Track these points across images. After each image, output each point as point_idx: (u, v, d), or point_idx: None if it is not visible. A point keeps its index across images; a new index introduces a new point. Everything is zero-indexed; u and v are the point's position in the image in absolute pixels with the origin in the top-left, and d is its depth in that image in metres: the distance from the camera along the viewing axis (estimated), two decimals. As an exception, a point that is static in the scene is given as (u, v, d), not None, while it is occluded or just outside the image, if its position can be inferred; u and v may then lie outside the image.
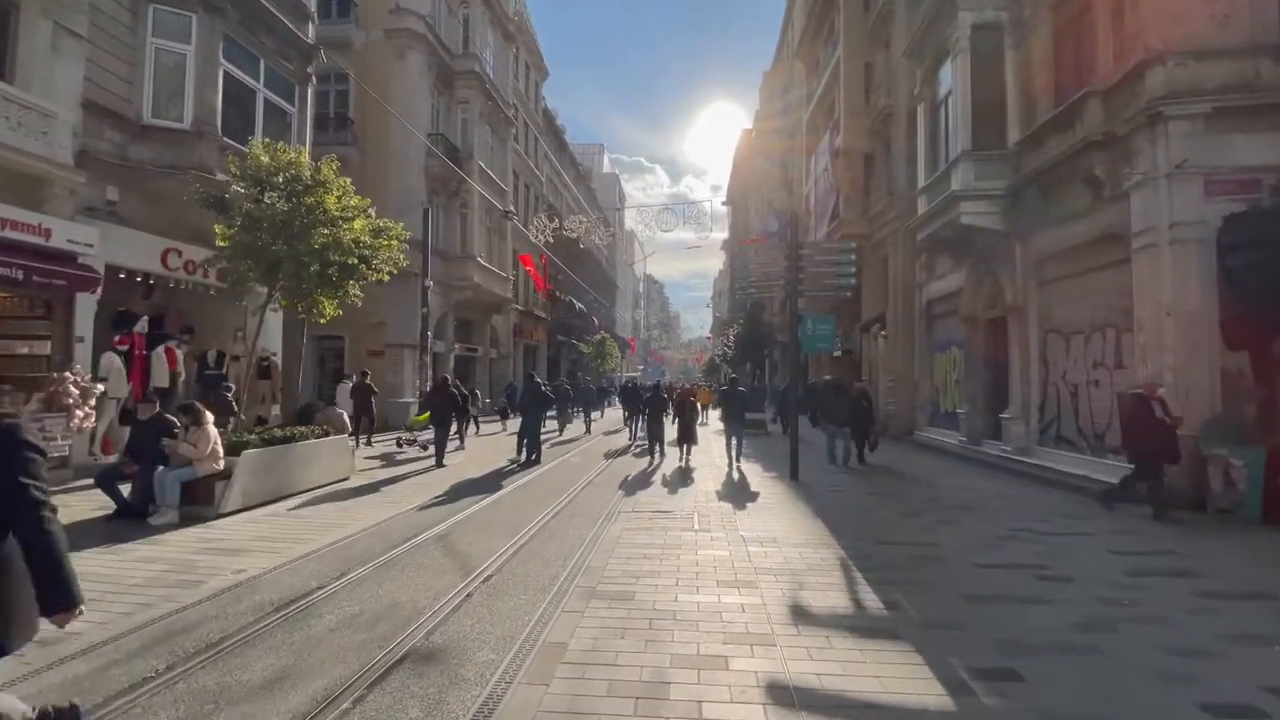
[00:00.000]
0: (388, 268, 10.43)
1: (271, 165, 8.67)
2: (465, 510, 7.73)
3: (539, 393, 11.81)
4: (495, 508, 7.97)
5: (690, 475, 10.70)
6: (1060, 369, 10.63)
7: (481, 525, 7.02)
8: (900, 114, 17.68)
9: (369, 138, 21.03)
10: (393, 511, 7.67)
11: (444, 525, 6.95)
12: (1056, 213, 10.37)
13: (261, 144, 8.78)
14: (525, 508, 7.92)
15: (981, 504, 8.24)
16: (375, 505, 8.10)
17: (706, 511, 7.66)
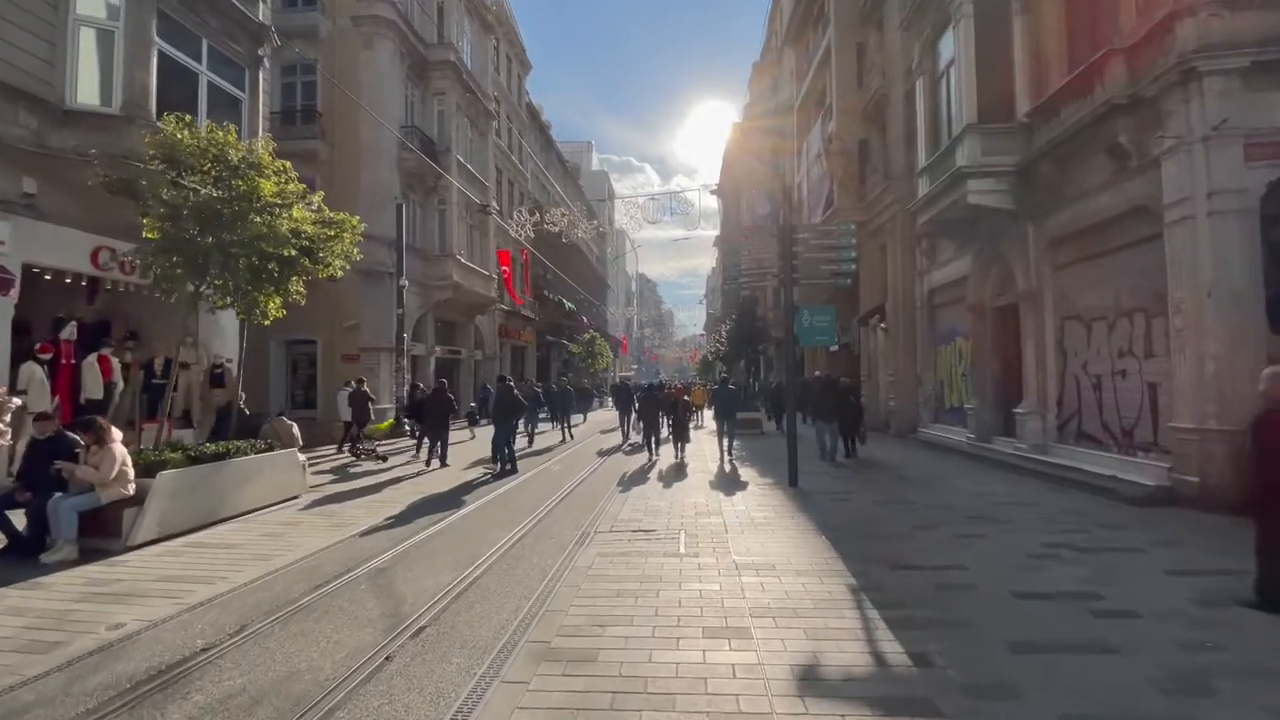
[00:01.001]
0: (339, 262, 9.42)
1: (192, 144, 7.64)
2: (417, 535, 6.75)
3: (512, 397, 10.82)
4: (452, 531, 6.99)
5: (680, 481, 9.75)
6: (1080, 359, 9.73)
7: (431, 554, 6.04)
8: (896, 95, 16.79)
9: (338, 131, 20.00)
10: (334, 538, 6.68)
11: (387, 555, 5.97)
12: (1074, 188, 9.47)
13: (176, 119, 7.76)
14: (487, 529, 6.95)
15: (1003, 512, 7.32)
16: (317, 530, 7.11)
17: (695, 529, 6.70)
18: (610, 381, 44.93)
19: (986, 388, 12.38)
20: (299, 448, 9.70)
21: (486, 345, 28.09)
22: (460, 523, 7.39)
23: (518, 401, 10.85)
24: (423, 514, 7.83)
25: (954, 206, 11.35)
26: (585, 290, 50.43)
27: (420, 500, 8.78)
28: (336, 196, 20.15)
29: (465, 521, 7.44)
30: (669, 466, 12.37)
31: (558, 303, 39.24)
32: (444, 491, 9.40)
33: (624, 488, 9.44)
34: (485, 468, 11.14)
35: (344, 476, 11.02)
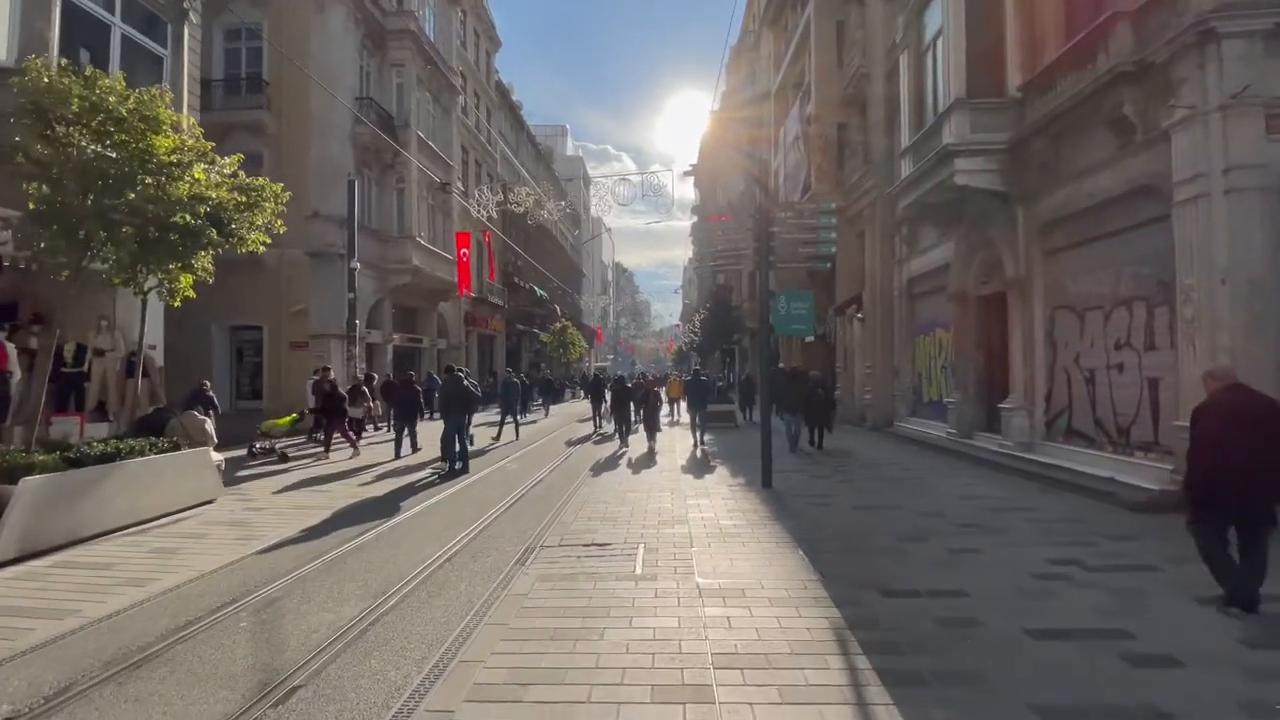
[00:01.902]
0: (257, 235, 8.31)
1: (63, 91, 6.46)
2: (331, 551, 5.79)
3: (461, 389, 9.83)
4: (375, 545, 6.04)
5: (646, 480, 8.91)
6: (1072, 351, 9.11)
7: (341, 577, 5.09)
8: (877, 75, 16.06)
9: (287, 102, 18.57)
10: (234, 555, 5.69)
11: (287, 579, 5.00)
12: (1070, 167, 8.80)
13: (40, 61, 6.57)
14: (418, 543, 6.02)
15: (997, 520, 6.63)
16: (219, 544, 6.10)
17: (657, 542, 5.86)
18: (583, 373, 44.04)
19: (969, 381, 11.77)
20: (214, 446, 8.59)
21: (451, 334, 26.87)
22: (388, 534, 6.43)
23: (468, 394, 9.85)
24: (348, 523, 6.85)
25: (939, 188, 10.64)
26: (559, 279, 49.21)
27: (352, 506, 7.78)
28: (285, 171, 18.73)
29: (394, 533, 6.49)
30: (638, 459, 11.59)
31: (529, 290, 38.02)
32: (380, 495, 8.41)
33: (584, 488, 8.57)
34: (433, 468, 10.16)
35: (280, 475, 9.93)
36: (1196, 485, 4.07)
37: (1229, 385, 4.14)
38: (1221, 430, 3.94)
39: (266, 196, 8.38)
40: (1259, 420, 3.92)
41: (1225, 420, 3.97)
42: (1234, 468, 3.86)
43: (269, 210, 8.47)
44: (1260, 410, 3.98)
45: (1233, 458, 3.87)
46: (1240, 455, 3.85)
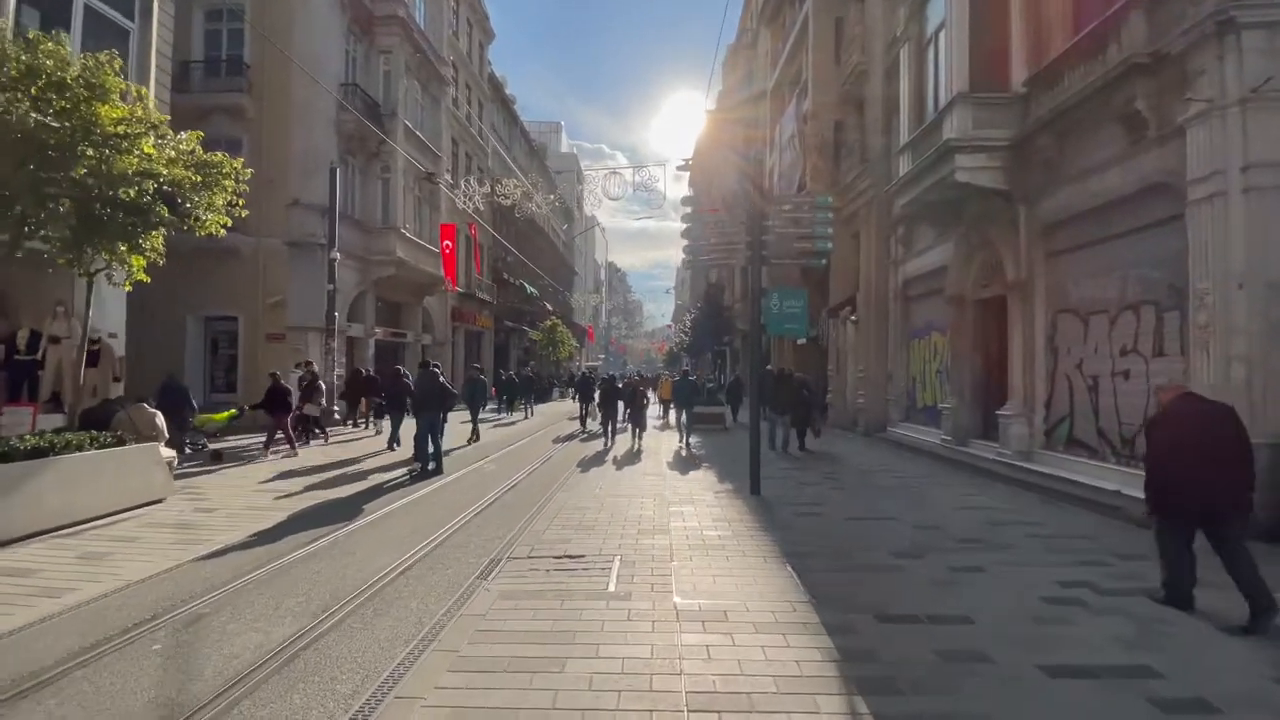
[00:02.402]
0: (215, 216, 7.78)
1: None
2: (277, 559, 5.29)
3: (436, 385, 9.31)
4: (326, 554, 5.54)
5: (628, 484, 8.45)
6: (1074, 357, 8.74)
7: (281, 590, 4.60)
8: (875, 72, 15.70)
9: (268, 86, 17.97)
10: (166, 562, 5.19)
11: (220, 592, 4.51)
12: (1077, 165, 8.43)
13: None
14: (372, 552, 5.53)
15: (999, 534, 6.23)
16: (154, 548, 5.60)
17: (634, 554, 5.41)
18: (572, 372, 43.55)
19: (965, 387, 11.40)
20: (164, 441, 8.05)
21: (437, 329, 26.29)
22: (344, 541, 5.94)
23: (443, 391, 9.34)
24: (303, 527, 6.36)
25: (939, 185, 10.26)
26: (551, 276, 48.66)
27: (312, 508, 7.28)
28: (265, 158, 18.15)
29: (351, 539, 5.99)
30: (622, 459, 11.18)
31: (519, 287, 37.46)
32: (345, 497, 7.91)
33: (562, 493, 8.11)
34: (408, 468, 9.65)
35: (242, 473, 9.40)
36: (1154, 490, 4.23)
37: (1180, 395, 4.33)
38: (1175, 437, 4.13)
39: (226, 174, 7.82)
40: (1209, 425, 4.09)
41: (1178, 427, 4.15)
42: (1188, 472, 4.02)
43: (229, 189, 7.93)
44: (1210, 416, 4.14)
45: (1187, 463, 4.03)
46: (1193, 459, 4.01)
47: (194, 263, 17.66)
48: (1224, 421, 4.10)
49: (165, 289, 17.68)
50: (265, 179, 17.98)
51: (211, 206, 7.69)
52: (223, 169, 7.96)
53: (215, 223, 8.02)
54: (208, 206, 7.62)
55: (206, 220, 7.73)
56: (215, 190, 7.86)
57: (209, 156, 7.91)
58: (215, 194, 7.87)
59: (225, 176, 7.96)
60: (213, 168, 7.83)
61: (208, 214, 7.66)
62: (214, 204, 7.82)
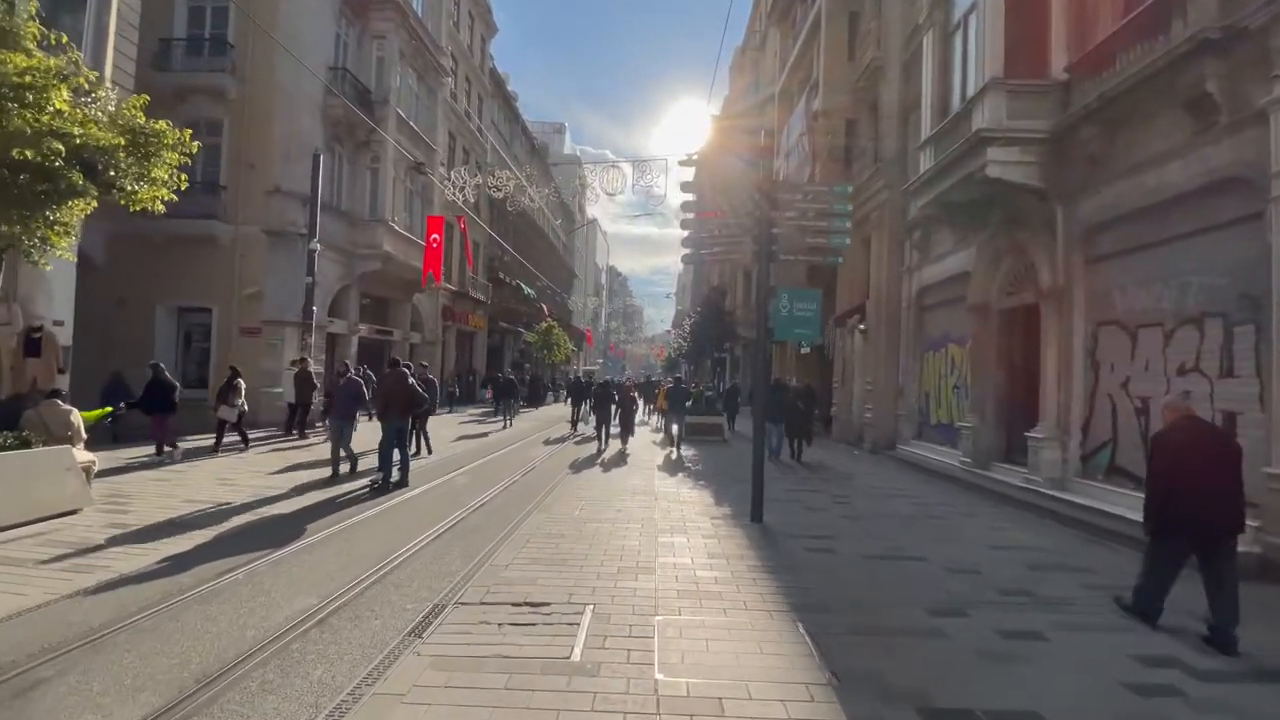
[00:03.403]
0: (152, 190, 6.83)
1: None
2: (175, 597, 4.30)
3: (404, 388, 8.32)
4: (233, 591, 4.55)
5: (614, 506, 7.45)
6: (1119, 375, 7.79)
7: (155, 646, 3.60)
8: (892, 67, 14.83)
9: (253, 67, 17.09)
10: (41, 596, 4.22)
11: (80, 645, 3.53)
12: (1128, 158, 7.51)
13: None
14: (291, 590, 4.54)
15: (1046, 583, 5.25)
16: (32, 577, 4.64)
17: (610, 602, 4.43)
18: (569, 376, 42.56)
19: (987, 404, 10.44)
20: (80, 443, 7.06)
21: (426, 328, 25.34)
22: (266, 572, 4.95)
23: (411, 394, 8.35)
24: (225, 551, 5.37)
25: (966, 182, 9.34)
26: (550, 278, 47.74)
27: (245, 526, 6.29)
28: (247, 142, 17.24)
29: (273, 571, 5.00)
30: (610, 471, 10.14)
31: (515, 287, 36.51)
32: (287, 514, 6.91)
33: (538, 514, 7.12)
34: (370, 479, 8.65)
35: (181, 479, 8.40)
36: (1153, 509, 4.29)
37: (1183, 416, 4.37)
38: (1176, 459, 4.17)
39: (166, 143, 6.86)
40: (1208, 450, 4.18)
41: (1179, 449, 4.19)
42: (1186, 495, 4.09)
43: (171, 159, 6.98)
44: (1209, 441, 4.26)
45: (1185, 485, 4.10)
46: (1192, 482, 4.08)
47: (167, 250, 16.75)
48: (1223, 444, 4.26)
49: (135, 277, 16.94)
50: (246, 164, 17.22)
51: (146, 178, 6.73)
52: (164, 139, 7.01)
53: (151, 198, 7.06)
54: (140, 178, 6.65)
55: (139, 193, 6.76)
56: (153, 162, 6.91)
57: (149, 124, 6.96)
58: (153, 165, 6.92)
59: (167, 147, 7.01)
60: (150, 136, 6.87)
61: (139, 186, 6.68)
62: (150, 176, 6.86)
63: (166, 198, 7.33)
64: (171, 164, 7.10)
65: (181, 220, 16.53)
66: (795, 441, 12.70)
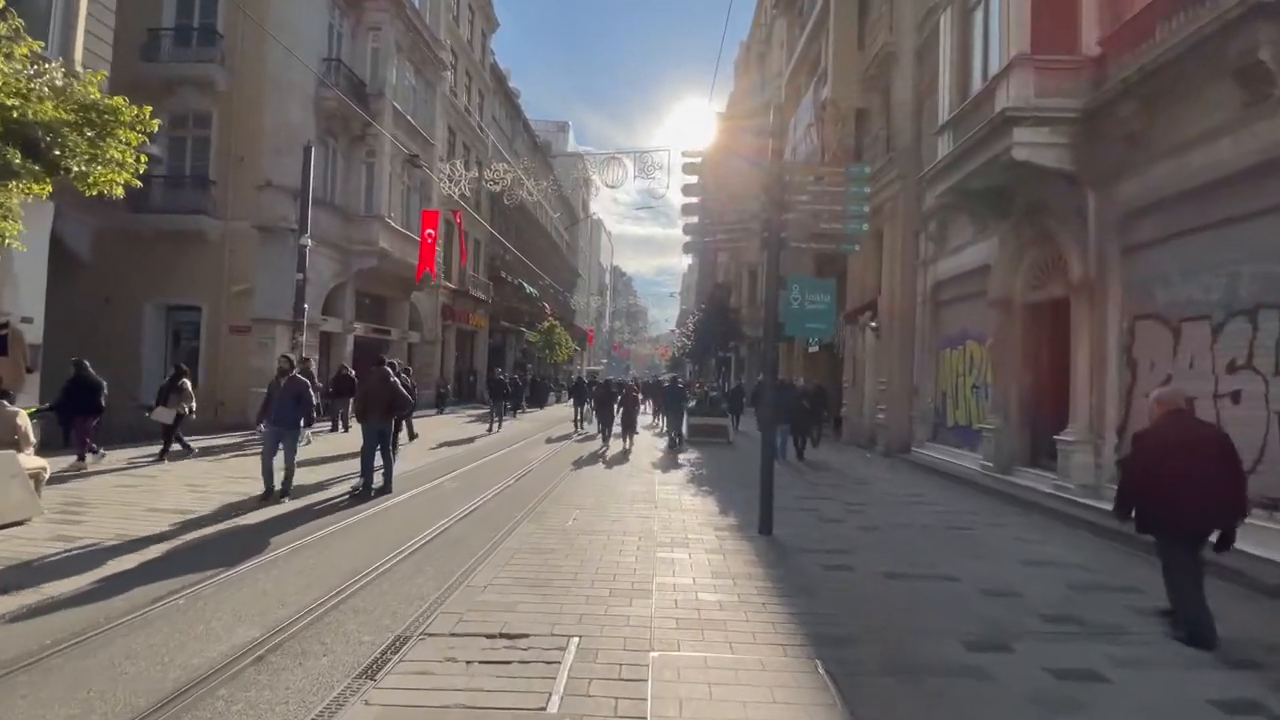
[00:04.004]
0: (106, 174, 6.29)
1: None
2: (100, 627, 3.74)
3: (387, 388, 7.76)
4: (168, 620, 3.99)
5: (611, 518, 6.87)
6: (1159, 373, 7.16)
7: (60, 690, 3.04)
8: (905, 51, 14.21)
9: (242, 57, 16.62)
10: (-66, 631, 3.65)
11: (-47, 699, 2.97)
12: (1170, 137, 6.88)
13: None
14: (235, 618, 3.98)
15: (1097, 608, 4.64)
16: (-59, 605, 4.06)
17: (598, 633, 3.85)
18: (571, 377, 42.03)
19: (1010, 405, 9.81)
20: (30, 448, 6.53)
21: (426, 327, 24.83)
22: (210, 596, 4.39)
23: (393, 394, 7.78)
24: (171, 571, 4.81)
25: (989, 167, 8.72)
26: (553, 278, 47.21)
27: (203, 539, 5.74)
28: (237, 135, 16.73)
29: (219, 594, 4.44)
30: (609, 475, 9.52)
31: (517, 286, 35.97)
32: (256, 523, 6.36)
33: (528, 524, 6.55)
34: (350, 485, 8.10)
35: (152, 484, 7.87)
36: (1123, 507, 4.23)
37: (1171, 411, 4.22)
38: (1158, 456, 4.05)
39: (120, 119, 6.32)
40: (1195, 448, 4.00)
41: (1162, 447, 4.07)
42: (1174, 493, 3.94)
43: (130, 140, 6.44)
44: (1198, 439, 4.07)
45: (1172, 483, 3.95)
46: (1179, 480, 3.93)
47: (155, 246, 16.28)
48: (1214, 440, 4.09)
49: (122, 274, 16.46)
50: (236, 158, 16.74)
51: (98, 159, 6.19)
52: (120, 116, 6.48)
53: (108, 180, 6.52)
54: (92, 158, 6.12)
55: (91, 176, 6.22)
56: (108, 142, 6.37)
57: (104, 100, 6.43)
58: (108, 145, 6.39)
59: (123, 125, 6.48)
60: (104, 113, 6.34)
61: (91, 167, 6.15)
62: (103, 157, 6.32)
63: (126, 181, 6.79)
64: (130, 143, 6.56)
65: (170, 215, 16.14)
66: (799, 440, 12.82)
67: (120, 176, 6.60)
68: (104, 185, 6.52)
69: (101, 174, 6.25)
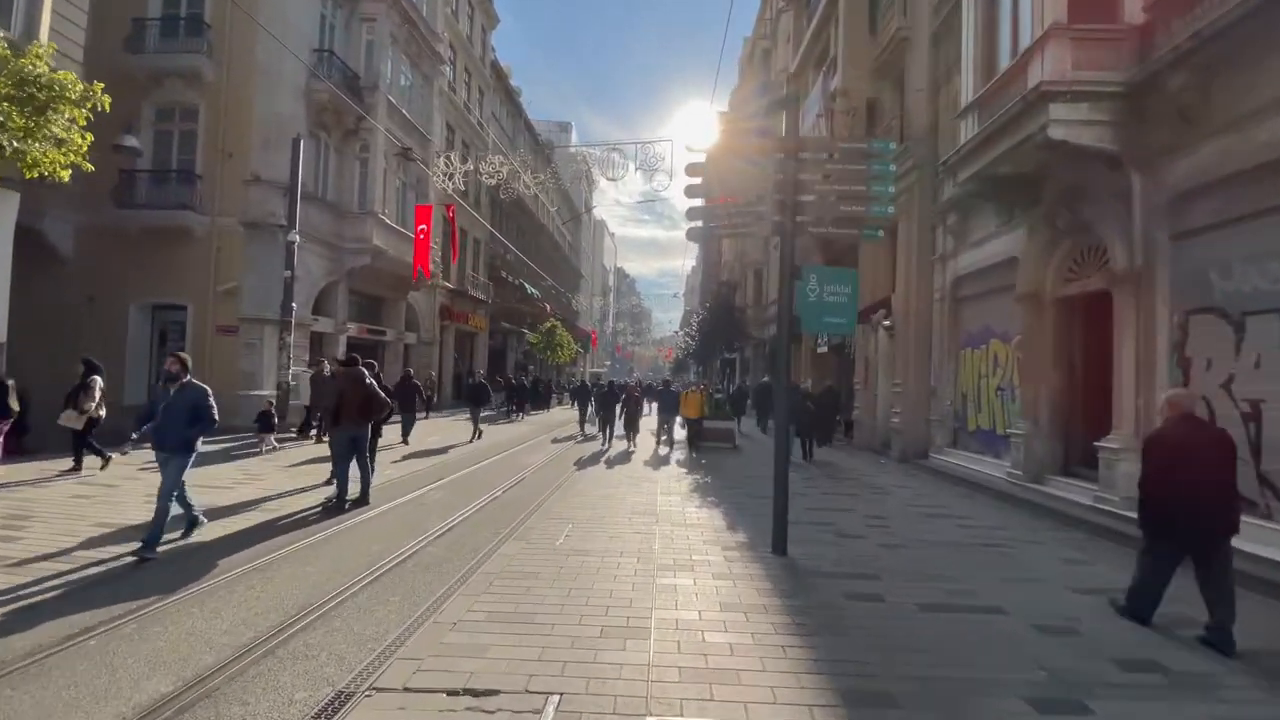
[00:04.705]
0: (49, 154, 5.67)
1: None
2: (-36, 687, 3.09)
3: (362, 389, 7.09)
4: (82, 662, 3.33)
5: (604, 531, 6.18)
6: (1219, 373, 6.43)
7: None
8: (920, 36, 13.53)
9: (230, 48, 16.01)
10: None
11: None
12: (1230, 109, 6.17)
13: None
14: (165, 655, 3.31)
15: (1171, 646, 3.94)
16: None
17: (583, 689, 3.17)
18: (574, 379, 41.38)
19: (1041, 408, 9.07)
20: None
21: (423, 328, 24.22)
22: (130, 633, 3.72)
23: (368, 396, 7.11)
24: (98, 599, 4.16)
25: (1020, 149, 8.01)
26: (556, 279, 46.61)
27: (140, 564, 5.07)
28: (225, 129, 16.08)
29: (142, 630, 3.77)
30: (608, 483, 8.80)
31: (518, 286, 35.34)
32: (209, 541, 5.70)
33: (514, 542, 5.86)
34: (324, 497, 7.44)
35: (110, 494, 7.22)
36: (1149, 513, 4.19)
37: (1181, 415, 4.22)
38: (1170, 461, 4.04)
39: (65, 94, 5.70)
40: (1204, 451, 4.01)
41: (1173, 451, 4.06)
42: (1180, 497, 3.98)
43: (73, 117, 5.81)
44: (1206, 443, 4.06)
45: (1180, 488, 3.97)
46: (1187, 486, 3.96)
47: (139, 244, 15.70)
48: (1221, 446, 4.07)
49: (105, 272, 15.86)
50: (223, 152, 16.14)
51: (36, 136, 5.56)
52: (66, 91, 5.85)
53: (52, 162, 5.89)
54: (26, 134, 5.48)
55: (29, 154, 5.59)
56: (48, 117, 5.75)
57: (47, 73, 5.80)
58: (49, 121, 5.76)
59: (68, 101, 5.85)
60: (45, 87, 5.71)
61: (27, 145, 5.51)
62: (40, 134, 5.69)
63: (75, 164, 6.16)
64: (76, 120, 5.93)
65: (155, 211, 15.56)
66: (805, 442, 12.92)
67: (66, 158, 5.97)
68: (47, 167, 5.89)
69: (42, 154, 5.62)
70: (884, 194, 5.80)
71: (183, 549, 5.46)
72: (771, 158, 5.88)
